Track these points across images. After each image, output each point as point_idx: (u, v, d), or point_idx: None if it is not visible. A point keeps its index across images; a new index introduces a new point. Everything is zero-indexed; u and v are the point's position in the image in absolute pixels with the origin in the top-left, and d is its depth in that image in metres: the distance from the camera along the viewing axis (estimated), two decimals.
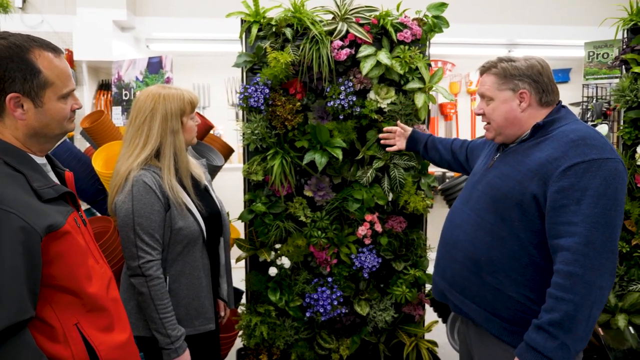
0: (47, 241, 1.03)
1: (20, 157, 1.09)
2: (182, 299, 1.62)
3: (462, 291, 1.49)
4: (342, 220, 2.41)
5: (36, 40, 1.09)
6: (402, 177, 2.33)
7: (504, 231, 1.39)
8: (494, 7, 4.41)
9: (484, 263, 1.42)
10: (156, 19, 4.22)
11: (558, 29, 4.40)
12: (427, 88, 2.29)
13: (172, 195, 1.58)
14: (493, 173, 1.48)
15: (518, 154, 1.43)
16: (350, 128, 2.30)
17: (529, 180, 1.34)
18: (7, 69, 1.03)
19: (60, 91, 1.11)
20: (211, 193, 1.80)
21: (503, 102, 1.45)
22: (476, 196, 1.50)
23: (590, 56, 2.63)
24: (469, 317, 1.49)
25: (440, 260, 1.61)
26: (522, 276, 1.36)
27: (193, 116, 1.68)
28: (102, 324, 1.16)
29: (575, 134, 1.32)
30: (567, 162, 1.28)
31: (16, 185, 1.03)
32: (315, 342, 2.45)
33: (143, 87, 2.44)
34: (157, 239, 1.55)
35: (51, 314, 1.07)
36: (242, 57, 2.30)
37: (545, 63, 1.44)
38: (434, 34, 2.35)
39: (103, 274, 1.20)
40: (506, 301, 1.39)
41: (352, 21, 2.26)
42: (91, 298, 1.13)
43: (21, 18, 3.88)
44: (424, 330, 2.51)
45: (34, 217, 1.00)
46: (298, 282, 2.36)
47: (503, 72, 1.44)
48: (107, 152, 2.13)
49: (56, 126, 1.13)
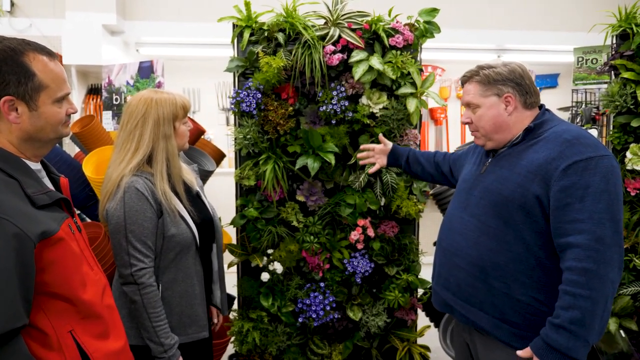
0: (40, 248, 1.02)
1: (14, 163, 1.07)
2: (175, 306, 1.60)
3: (468, 299, 1.47)
4: (334, 225, 2.41)
5: (31, 43, 1.08)
6: (395, 182, 2.34)
7: (509, 235, 1.38)
8: (483, 12, 4.45)
9: (490, 268, 1.41)
10: (146, 23, 4.20)
11: (547, 34, 4.45)
12: (419, 93, 2.29)
13: (165, 202, 1.56)
14: (489, 178, 1.47)
15: (512, 157, 1.44)
16: (342, 133, 2.30)
17: (529, 181, 1.35)
18: (0, 71, 1.02)
19: (55, 95, 1.10)
20: (203, 199, 1.79)
21: (489, 107, 1.46)
22: (474, 202, 1.49)
23: (579, 62, 2.65)
24: (476, 325, 1.47)
25: (442, 270, 1.57)
26: (530, 278, 1.36)
27: (185, 121, 1.67)
28: (96, 331, 1.15)
29: (568, 134, 1.35)
30: (565, 162, 1.30)
31: (10, 191, 1.02)
32: (308, 348, 2.44)
33: (134, 92, 2.41)
34: (149, 246, 1.52)
35: (45, 321, 1.06)
36: (234, 61, 2.29)
37: (524, 67, 1.47)
38: (426, 39, 2.36)
39: (98, 281, 1.18)
40: (515, 305, 1.38)
41: (344, 26, 2.26)
42: (85, 305, 1.12)
43: (9, 22, 3.84)
44: (416, 335, 2.51)
45: (27, 224, 0.99)
46: (290, 287, 2.35)
47: (486, 79, 1.46)
48: (97, 157, 2.11)
49: (51, 130, 1.12)
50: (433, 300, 1.65)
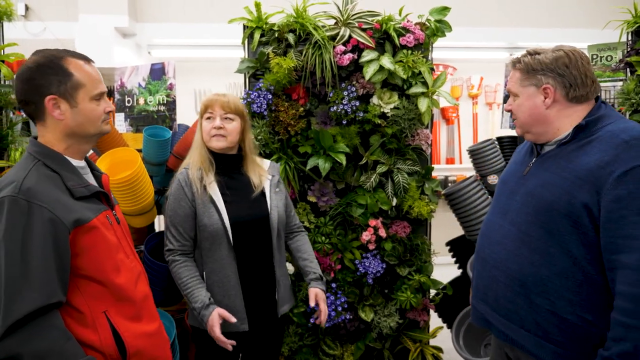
0: (75, 234, 1.16)
1: (58, 160, 1.22)
2: (215, 295, 1.71)
3: (508, 315, 1.35)
4: (345, 226, 2.40)
5: (68, 51, 1.26)
6: (406, 182, 2.32)
7: (553, 247, 1.25)
8: (494, 10, 4.41)
9: (532, 283, 1.28)
10: (157, 25, 4.23)
11: (560, 31, 4.39)
12: (430, 92, 2.28)
13: (198, 192, 1.70)
14: (533, 182, 1.35)
15: (560, 159, 1.30)
16: (353, 133, 2.30)
17: (577, 188, 1.21)
18: (44, 74, 1.19)
19: (91, 92, 1.24)
20: (267, 198, 1.81)
21: (527, 98, 1.36)
22: (515, 208, 1.37)
23: (593, 59, 2.61)
24: (516, 343, 1.35)
25: (480, 282, 1.46)
26: (578, 296, 1.23)
27: (209, 116, 1.74)
28: (129, 314, 1.26)
29: (626, 134, 1.20)
30: (622, 167, 1.15)
31: (51, 184, 1.17)
32: (320, 349, 2.43)
33: (146, 94, 2.43)
34: (180, 232, 1.70)
35: (81, 301, 1.20)
36: (244, 62, 2.30)
37: (577, 53, 1.31)
38: (437, 38, 2.34)
39: (133, 268, 1.32)
40: (561, 324, 1.25)
41: (355, 26, 2.25)
42: (118, 289, 1.24)
43: (24, 25, 3.89)
44: (429, 336, 2.50)
45: (63, 212, 1.14)
46: (302, 288, 2.35)
47: (526, 67, 1.35)
48: (111, 158, 2.12)
49: (90, 125, 1.26)
50: (472, 316, 1.53)
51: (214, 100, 1.74)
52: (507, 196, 1.42)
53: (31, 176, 1.15)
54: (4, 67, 2.07)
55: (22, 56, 2.19)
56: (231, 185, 1.77)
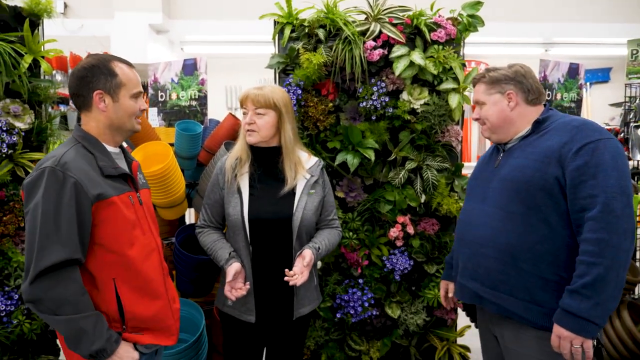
0: (97, 207, 1.34)
1: (94, 143, 1.43)
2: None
3: (498, 286, 1.55)
4: (373, 222, 2.40)
5: (114, 56, 1.48)
6: (435, 179, 2.30)
7: (533, 217, 1.49)
8: (529, 4, 4.30)
9: (519, 252, 1.50)
10: (190, 22, 4.30)
11: (597, 26, 4.26)
12: (461, 88, 2.25)
13: (228, 181, 1.77)
14: (506, 169, 1.60)
15: (526, 147, 1.57)
16: (382, 129, 2.29)
17: (547, 165, 1.47)
18: (94, 72, 1.40)
19: (131, 91, 1.45)
20: (295, 197, 1.74)
21: (494, 104, 1.64)
22: (494, 194, 1.61)
23: (633, 54, 2.53)
24: (507, 311, 1.54)
25: (468, 263, 1.66)
26: (557, 258, 1.46)
27: (244, 111, 1.78)
28: (135, 284, 1.42)
29: (576, 122, 1.51)
30: (577, 144, 1.44)
31: (85, 161, 1.37)
32: (346, 344, 2.44)
33: (178, 89, 2.48)
34: (209, 214, 1.83)
35: (95, 266, 1.37)
36: (275, 58, 2.32)
37: (527, 68, 1.65)
38: (469, 33, 2.31)
39: (147, 245, 1.47)
40: (544, 285, 1.47)
41: (385, 21, 2.24)
42: (129, 260, 1.40)
43: (63, 23, 4.01)
44: (456, 334, 2.47)
45: (90, 185, 1.33)
46: (329, 283, 2.36)
47: (490, 80, 1.65)
48: (144, 151, 2.18)
49: (127, 120, 1.46)
50: (460, 295, 1.73)
51: (246, 96, 1.75)
52: (482, 186, 1.68)
53: (69, 153, 1.36)
54: (44, 62, 2.14)
55: (60, 52, 2.25)
56: (263, 179, 1.77)
